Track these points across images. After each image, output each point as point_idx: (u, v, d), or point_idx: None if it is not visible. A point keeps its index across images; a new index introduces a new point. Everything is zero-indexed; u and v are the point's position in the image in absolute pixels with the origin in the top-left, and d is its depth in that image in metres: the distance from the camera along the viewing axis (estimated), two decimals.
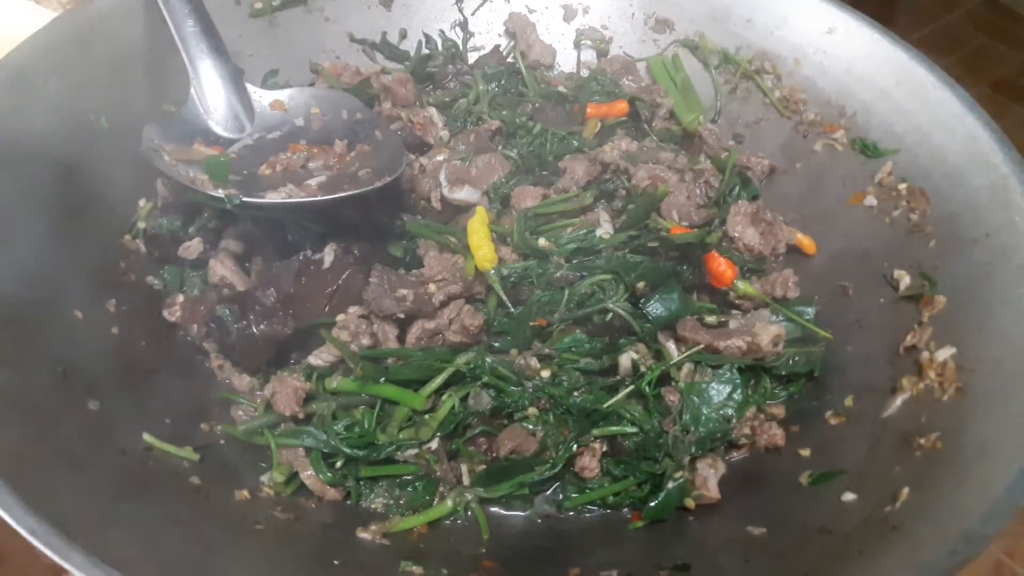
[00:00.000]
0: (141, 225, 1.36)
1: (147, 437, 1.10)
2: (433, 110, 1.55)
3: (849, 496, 1.08)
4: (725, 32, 1.65)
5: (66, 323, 1.16)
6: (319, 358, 1.22)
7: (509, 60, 1.74)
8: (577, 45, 1.77)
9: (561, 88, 1.66)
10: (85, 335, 1.18)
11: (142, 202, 1.38)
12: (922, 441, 1.07)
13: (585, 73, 1.75)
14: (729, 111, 1.67)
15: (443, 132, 1.50)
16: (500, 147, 1.48)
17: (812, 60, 1.56)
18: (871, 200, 1.41)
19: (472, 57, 1.75)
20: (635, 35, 1.74)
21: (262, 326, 1.18)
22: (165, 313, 1.31)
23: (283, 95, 1.42)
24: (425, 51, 1.72)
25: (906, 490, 1.02)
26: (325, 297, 1.23)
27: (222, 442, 1.19)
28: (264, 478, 1.16)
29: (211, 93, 1.36)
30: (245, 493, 1.11)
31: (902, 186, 1.37)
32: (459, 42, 1.75)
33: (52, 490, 0.91)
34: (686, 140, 1.66)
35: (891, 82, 1.43)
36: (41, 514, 0.83)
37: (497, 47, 1.75)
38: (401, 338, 1.26)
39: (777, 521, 1.12)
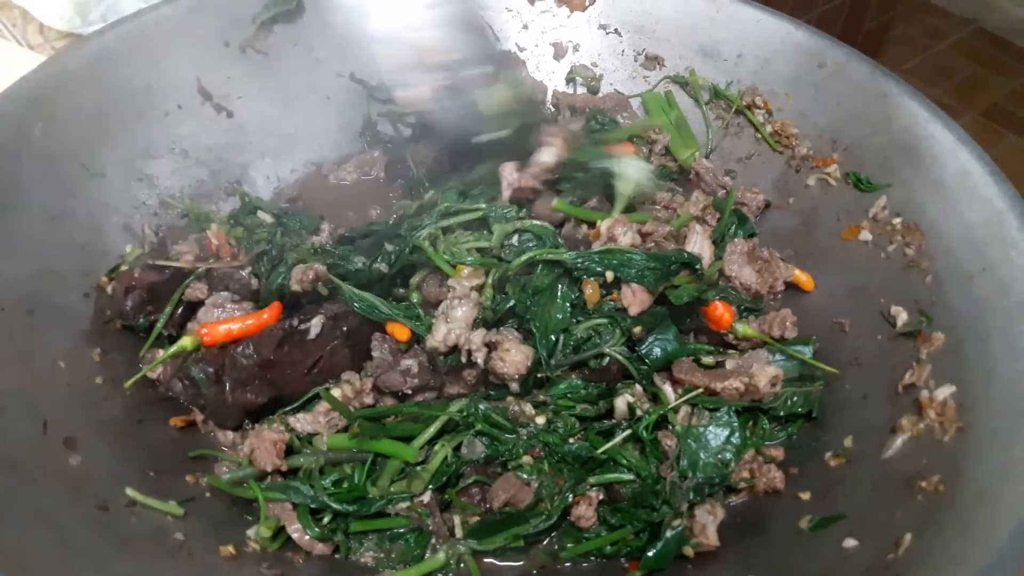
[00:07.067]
0: None
1: (130, 492, 1.07)
2: None
3: (851, 543, 1.04)
4: (715, 68, 1.65)
5: (47, 374, 1.14)
6: (299, 423, 1.19)
7: None
8: (571, 81, 1.77)
9: (572, 126, 1.64)
10: (67, 386, 1.15)
11: (128, 248, 1.36)
12: (924, 484, 1.04)
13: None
14: (721, 147, 1.66)
15: None
16: None
17: (803, 94, 1.54)
18: (866, 235, 1.39)
19: None
20: (625, 72, 1.74)
21: (236, 393, 1.15)
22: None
23: None
24: None
25: (908, 536, 0.99)
26: (306, 368, 1.19)
27: (207, 495, 1.16)
28: (250, 532, 1.12)
29: None
30: (231, 549, 1.07)
31: (896, 221, 1.35)
32: None
33: (28, 554, 0.88)
34: (682, 176, 1.65)
35: (883, 116, 1.41)
36: None
37: None
38: None
39: (778, 569, 1.08)
